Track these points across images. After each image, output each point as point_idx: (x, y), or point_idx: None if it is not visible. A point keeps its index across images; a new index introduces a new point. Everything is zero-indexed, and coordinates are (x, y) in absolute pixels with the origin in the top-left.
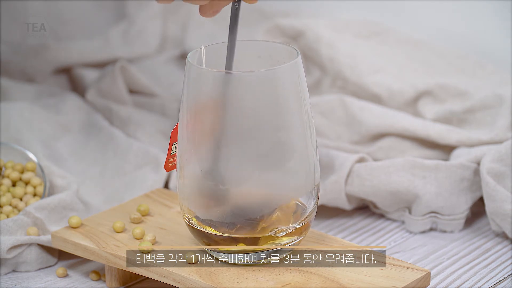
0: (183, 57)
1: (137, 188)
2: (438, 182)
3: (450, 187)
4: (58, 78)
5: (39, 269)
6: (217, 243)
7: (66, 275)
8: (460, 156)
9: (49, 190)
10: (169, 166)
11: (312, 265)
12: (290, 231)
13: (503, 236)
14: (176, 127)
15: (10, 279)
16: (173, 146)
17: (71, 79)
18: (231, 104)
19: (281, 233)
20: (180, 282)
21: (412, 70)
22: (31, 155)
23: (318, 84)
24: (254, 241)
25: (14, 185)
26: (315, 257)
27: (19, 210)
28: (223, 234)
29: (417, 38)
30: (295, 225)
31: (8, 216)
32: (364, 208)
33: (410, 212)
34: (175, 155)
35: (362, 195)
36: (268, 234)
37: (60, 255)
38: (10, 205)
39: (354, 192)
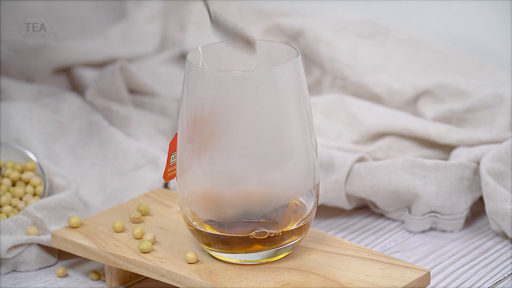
0: (182, 56)
1: (137, 187)
2: (438, 182)
3: (450, 187)
4: (58, 78)
5: (39, 268)
6: (217, 243)
7: (66, 275)
8: (460, 156)
9: (49, 189)
10: (168, 176)
11: (312, 265)
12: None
13: (503, 235)
14: (175, 137)
15: (10, 279)
16: (172, 156)
17: (71, 79)
18: (231, 103)
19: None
20: (180, 282)
21: (412, 69)
22: (31, 155)
23: (318, 84)
24: (253, 241)
25: (14, 184)
26: (315, 256)
27: (19, 210)
28: (223, 234)
29: (417, 38)
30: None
31: (8, 216)
32: (364, 208)
33: (410, 212)
34: (174, 164)
35: (362, 195)
36: (266, 237)
37: (60, 254)
38: (10, 204)
39: (354, 192)
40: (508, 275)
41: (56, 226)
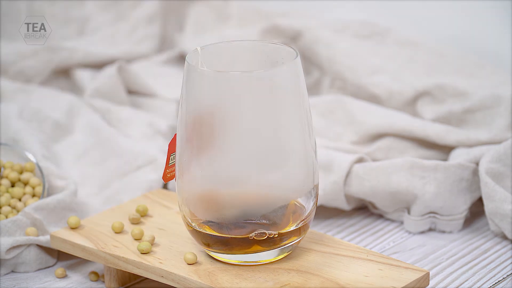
0: (182, 57)
1: (136, 188)
2: (437, 182)
3: (449, 187)
4: (58, 78)
5: (38, 269)
6: (216, 244)
7: (65, 276)
8: (459, 156)
9: (48, 190)
10: (167, 176)
11: (311, 266)
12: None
13: (502, 236)
14: (174, 138)
15: (9, 280)
16: (171, 157)
17: (70, 80)
18: (230, 104)
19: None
20: (179, 283)
21: (411, 70)
22: (30, 156)
23: (317, 85)
24: (252, 241)
25: (13, 185)
26: (314, 257)
27: (18, 211)
28: (222, 235)
29: (417, 38)
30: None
31: (7, 217)
32: (363, 209)
33: (409, 213)
34: (173, 165)
35: (361, 196)
36: (265, 238)
37: (59, 255)
38: (9, 205)
39: (353, 193)
40: (507, 275)
41: (55, 227)
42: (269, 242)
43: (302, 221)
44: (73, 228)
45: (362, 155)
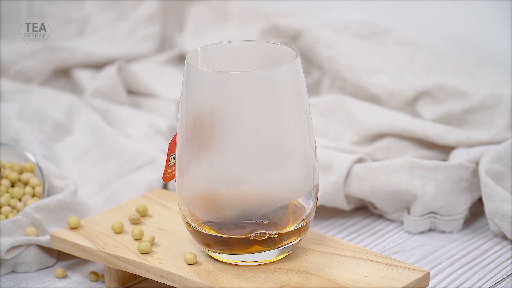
0: (182, 57)
1: (136, 188)
2: (437, 183)
3: (449, 188)
4: (58, 78)
5: (38, 269)
6: (216, 244)
7: (65, 276)
8: (459, 157)
9: (48, 190)
10: (167, 177)
11: (311, 266)
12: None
13: (502, 236)
14: (174, 138)
15: (9, 280)
16: (171, 157)
17: (70, 80)
18: (230, 104)
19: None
20: (179, 283)
21: (411, 70)
22: (30, 156)
23: (317, 85)
24: (252, 242)
25: (13, 185)
26: (314, 257)
27: (18, 211)
28: (222, 235)
29: (416, 38)
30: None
31: (7, 217)
32: (363, 209)
33: (409, 213)
34: (173, 165)
35: (361, 196)
36: (265, 238)
37: (59, 255)
38: (9, 205)
39: (353, 193)
40: (508, 275)
41: (55, 227)
42: (269, 242)
43: (302, 221)
44: (73, 228)
45: (362, 155)
